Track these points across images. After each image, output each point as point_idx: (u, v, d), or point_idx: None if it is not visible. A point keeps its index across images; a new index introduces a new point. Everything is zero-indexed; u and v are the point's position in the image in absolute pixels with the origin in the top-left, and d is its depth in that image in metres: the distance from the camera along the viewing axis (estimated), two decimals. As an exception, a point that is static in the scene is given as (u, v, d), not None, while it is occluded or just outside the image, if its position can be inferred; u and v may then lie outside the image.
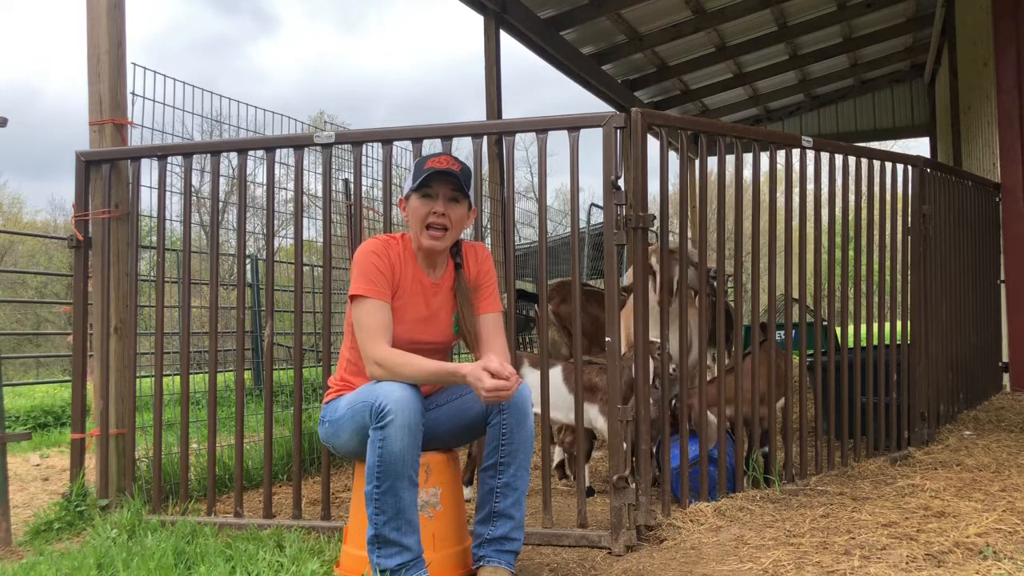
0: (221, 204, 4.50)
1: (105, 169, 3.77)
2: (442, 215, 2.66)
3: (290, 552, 2.91)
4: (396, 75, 50.31)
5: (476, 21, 8.40)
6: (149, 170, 3.85)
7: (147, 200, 3.90)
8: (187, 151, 3.79)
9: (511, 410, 2.58)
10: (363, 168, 3.62)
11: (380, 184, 3.99)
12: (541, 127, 3.33)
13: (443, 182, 2.66)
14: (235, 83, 46.64)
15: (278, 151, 3.75)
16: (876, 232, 4.41)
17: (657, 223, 3.41)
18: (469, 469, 3.99)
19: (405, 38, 52.98)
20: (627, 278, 3.47)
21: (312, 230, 6.38)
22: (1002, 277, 6.81)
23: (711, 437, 3.60)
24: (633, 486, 3.13)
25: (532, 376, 3.67)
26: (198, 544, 3.02)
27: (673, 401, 3.57)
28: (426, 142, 3.56)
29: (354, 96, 49.03)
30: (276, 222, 3.75)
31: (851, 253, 4.34)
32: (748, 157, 3.81)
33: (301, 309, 3.55)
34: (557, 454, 4.36)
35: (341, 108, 45.80)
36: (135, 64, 3.94)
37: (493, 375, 2.42)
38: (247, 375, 8.16)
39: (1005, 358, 6.80)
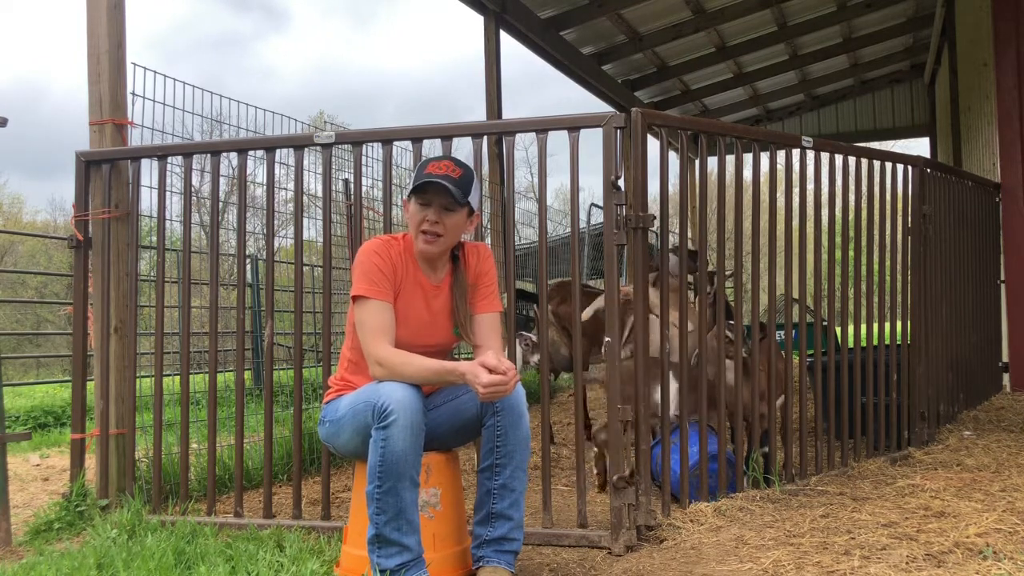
0: (221, 204, 4.50)
1: (105, 169, 3.77)
2: (435, 223, 2.65)
3: (290, 552, 2.91)
4: (404, 73, 50.26)
5: (477, 21, 8.40)
6: (149, 170, 3.85)
7: (147, 200, 3.91)
8: (187, 151, 3.80)
9: (505, 411, 2.58)
10: (363, 168, 3.63)
11: (380, 184, 3.99)
12: (541, 127, 3.33)
13: (437, 191, 2.63)
14: (243, 80, 46.59)
15: (278, 151, 3.76)
16: (876, 232, 4.41)
17: (657, 223, 3.41)
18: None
19: (414, 37, 53.00)
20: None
21: (312, 230, 6.38)
22: (1002, 277, 6.81)
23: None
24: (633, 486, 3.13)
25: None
26: (198, 544, 3.02)
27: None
28: (426, 142, 3.56)
29: (362, 94, 49.11)
30: (276, 222, 3.75)
31: (851, 253, 4.34)
32: (748, 157, 3.81)
33: (301, 309, 3.55)
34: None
35: (348, 106, 45.79)
36: (135, 64, 3.94)
37: (491, 371, 2.42)
38: (247, 375, 8.15)
39: (1005, 358, 6.80)
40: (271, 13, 54.53)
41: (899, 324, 4.79)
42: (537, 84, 48.96)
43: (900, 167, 4.62)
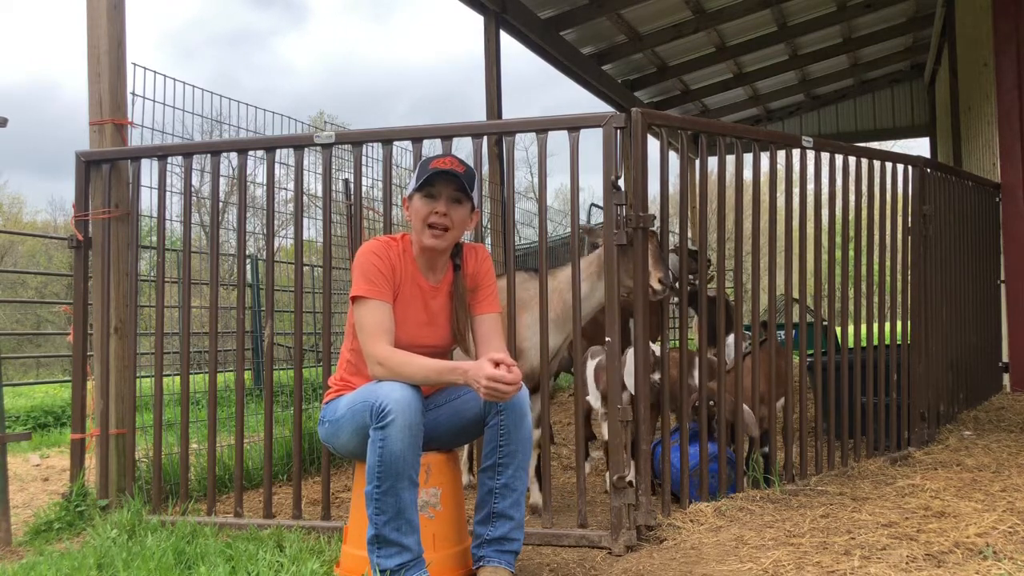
0: (221, 204, 4.50)
1: (105, 169, 3.77)
2: (444, 215, 2.66)
3: (290, 552, 2.91)
4: (418, 70, 50.20)
5: (478, 21, 8.38)
6: (149, 170, 3.85)
7: (147, 200, 3.91)
8: (187, 151, 3.79)
9: (509, 410, 2.58)
10: (363, 168, 3.62)
11: (380, 184, 4.00)
12: (541, 127, 3.33)
13: (446, 182, 2.66)
14: (258, 77, 46.49)
15: (278, 151, 3.76)
16: (876, 232, 4.41)
17: (657, 223, 3.41)
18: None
19: (429, 33, 52.91)
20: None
21: (312, 230, 6.39)
22: (1002, 277, 6.81)
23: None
24: (633, 486, 3.13)
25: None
26: (198, 544, 3.02)
27: (711, 403, 3.57)
28: (426, 142, 3.56)
29: (376, 91, 49.11)
30: (276, 222, 3.75)
31: (851, 253, 4.34)
32: (748, 157, 3.81)
33: (301, 309, 3.55)
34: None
35: (361, 103, 45.74)
36: (135, 64, 3.94)
37: (496, 365, 2.42)
38: (247, 375, 8.16)
39: (1005, 358, 6.80)
40: (290, 8, 54.44)
41: (899, 324, 4.79)
42: (538, 84, 48.98)
43: (900, 167, 4.62)
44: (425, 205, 2.67)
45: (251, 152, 3.82)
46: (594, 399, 3.92)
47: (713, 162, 13.27)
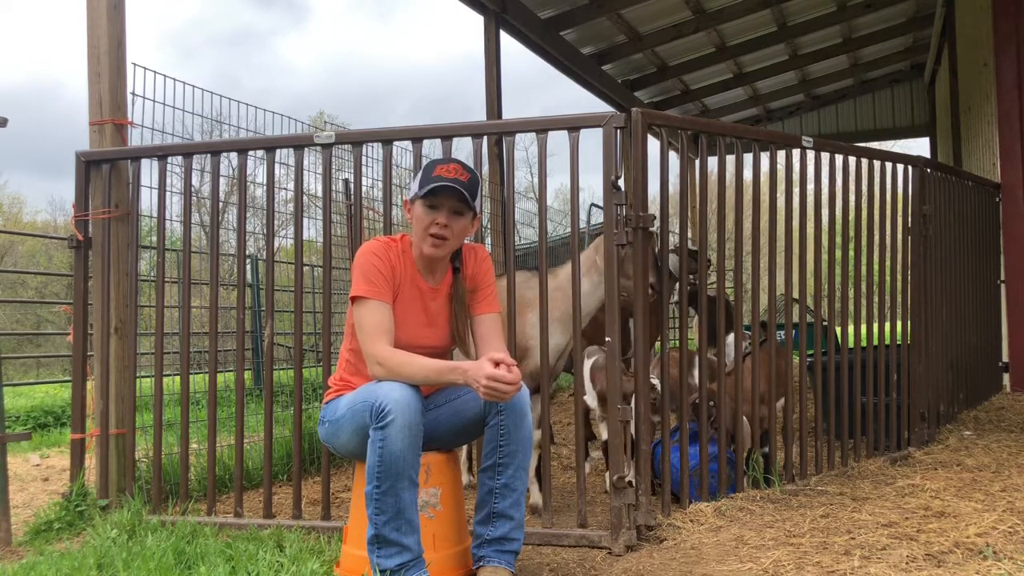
0: (221, 204, 4.50)
1: (105, 169, 3.77)
2: (444, 226, 2.66)
3: (290, 552, 2.91)
4: (418, 70, 50.15)
5: (478, 21, 8.38)
6: (149, 170, 3.86)
7: (147, 200, 3.91)
8: (187, 151, 3.79)
9: (509, 410, 2.58)
10: (363, 168, 3.63)
11: (380, 184, 4.00)
12: (541, 127, 3.33)
13: (449, 194, 2.65)
14: (256, 77, 46.43)
15: (278, 151, 3.76)
16: (876, 232, 4.41)
17: (657, 223, 3.41)
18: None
19: (431, 33, 52.86)
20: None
21: (312, 230, 6.39)
22: (1002, 277, 6.81)
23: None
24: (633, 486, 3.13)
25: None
26: (198, 544, 3.02)
27: (711, 403, 3.57)
28: (426, 142, 3.56)
29: (375, 91, 49.08)
30: (276, 222, 3.75)
31: (851, 253, 4.34)
32: (748, 157, 3.81)
33: (301, 309, 3.55)
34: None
35: (361, 103, 45.68)
36: (135, 64, 3.95)
37: (496, 365, 2.42)
38: (247, 375, 8.16)
39: (1005, 358, 6.80)
40: (290, 8, 54.36)
41: (899, 324, 4.79)
42: (538, 84, 48.95)
43: (900, 167, 4.62)
44: (427, 215, 2.67)
45: (251, 152, 3.82)
46: (591, 399, 3.92)
47: (713, 162, 13.26)
